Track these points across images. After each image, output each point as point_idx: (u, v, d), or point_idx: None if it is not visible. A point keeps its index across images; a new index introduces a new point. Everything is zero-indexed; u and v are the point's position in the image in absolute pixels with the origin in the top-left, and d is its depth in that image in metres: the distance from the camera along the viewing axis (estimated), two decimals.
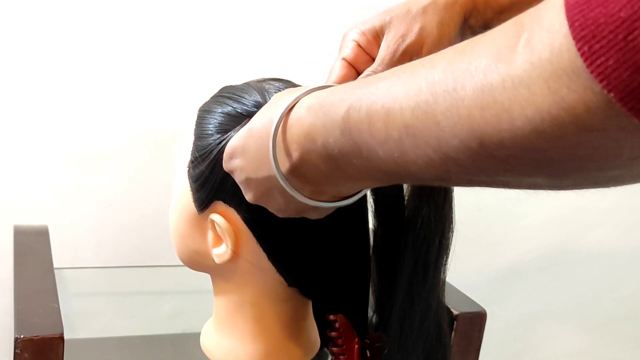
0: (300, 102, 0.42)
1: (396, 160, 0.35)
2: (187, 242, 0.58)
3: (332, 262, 0.55)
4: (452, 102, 0.31)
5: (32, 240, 0.80)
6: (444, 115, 0.31)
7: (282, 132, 0.42)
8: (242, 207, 0.52)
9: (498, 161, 0.31)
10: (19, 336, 0.55)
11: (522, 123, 0.28)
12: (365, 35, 0.51)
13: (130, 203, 0.91)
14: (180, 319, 0.98)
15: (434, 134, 0.32)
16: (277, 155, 0.42)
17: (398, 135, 0.34)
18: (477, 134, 0.30)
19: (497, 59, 0.29)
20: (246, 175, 0.46)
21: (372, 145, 0.36)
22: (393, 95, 0.34)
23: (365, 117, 0.36)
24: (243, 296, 0.57)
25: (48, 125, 0.85)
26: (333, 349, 0.58)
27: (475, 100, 0.30)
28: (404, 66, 0.36)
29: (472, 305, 0.76)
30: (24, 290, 0.65)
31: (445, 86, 0.31)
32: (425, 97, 0.32)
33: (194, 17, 0.88)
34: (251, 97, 0.54)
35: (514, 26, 0.29)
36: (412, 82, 0.33)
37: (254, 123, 0.45)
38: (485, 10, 0.51)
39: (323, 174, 0.41)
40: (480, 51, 0.30)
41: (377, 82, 0.36)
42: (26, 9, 0.81)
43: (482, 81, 0.29)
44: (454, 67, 0.31)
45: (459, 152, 0.31)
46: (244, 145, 0.46)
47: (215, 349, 0.60)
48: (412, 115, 0.33)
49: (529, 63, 0.28)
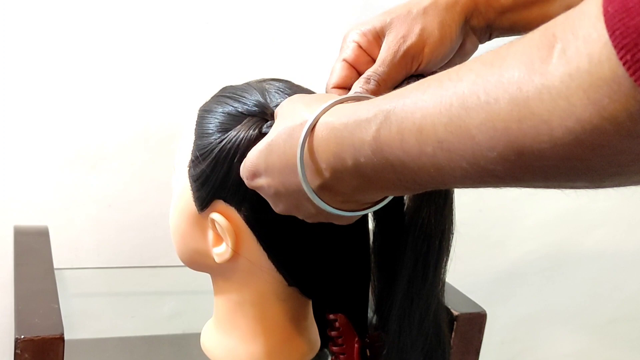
0: (323, 119, 0.41)
1: (431, 173, 0.35)
2: (188, 242, 0.58)
3: (332, 262, 0.55)
4: (486, 116, 0.31)
5: (32, 240, 0.80)
6: (479, 129, 0.31)
7: (309, 151, 0.41)
8: (243, 206, 0.52)
9: (537, 171, 0.31)
10: (19, 336, 0.55)
11: (562, 134, 0.28)
12: (365, 36, 0.51)
13: (130, 203, 0.91)
14: (180, 319, 0.98)
15: (469, 148, 0.32)
16: (306, 174, 0.42)
17: (432, 150, 0.34)
18: (516, 146, 0.30)
19: (530, 70, 0.29)
20: (274, 191, 0.46)
21: (406, 161, 0.36)
22: (423, 111, 0.34)
23: (396, 135, 0.36)
24: (243, 296, 0.57)
25: (48, 125, 0.85)
26: (333, 349, 0.58)
27: (511, 113, 0.30)
28: (428, 79, 0.36)
29: (472, 305, 0.76)
30: (24, 291, 0.65)
31: (477, 100, 0.31)
32: (457, 112, 0.32)
33: (193, 17, 0.88)
34: (252, 96, 0.54)
35: (544, 36, 0.29)
36: (441, 96, 0.33)
37: (272, 138, 0.45)
38: (487, 10, 0.51)
39: (355, 188, 0.41)
40: (510, 63, 0.30)
41: (403, 97, 0.36)
42: (26, 10, 0.82)
43: (517, 93, 0.29)
44: (484, 80, 0.31)
45: (496, 165, 0.31)
46: (267, 162, 0.45)
47: (216, 349, 0.60)
48: (446, 131, 0.33)
49: (567, 74, 0.27)
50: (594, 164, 0.29)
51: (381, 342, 0.55)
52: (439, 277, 0.52)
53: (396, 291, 0.52)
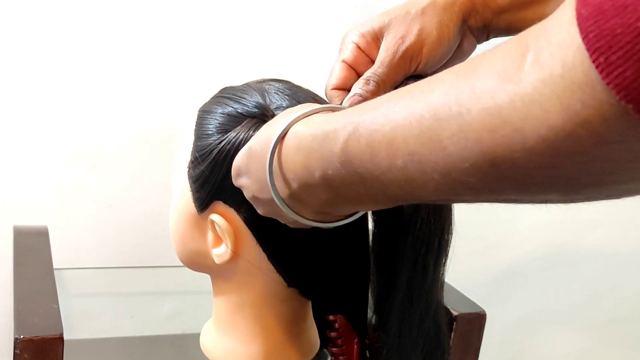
0: (293, 129, 0.41)
1: (402, 187, 0.35)
2: (187, 243, 0.58)
3: (332, 263, 0.55)
4: (458, 127, 0.30)
5: (32, 240, 0.80)
6: (451, 140, 0.31)
7: (278, 161, 0.42)
8: (242, 208, 0.52)
9: (510, 181, 0.30)
10: (18, 336, 0.55)
11: (535, 142, 0.28)
12: (364, 37, 0.51)
13: (130, 203, 0.91)
14: (180, 319, 0.98)
15: (441, 160, 0.32)
16: (275, 182, 0.42)
17: (403, 163, 0.33)
18: (488, 157, 0.30)
19: (503, 79, 0.29)
20: (252, 194, 0.46)
21: (376, 174, 0.35)
22: (393, 123, 0.34)
23: (366, 148, 0.35)
24: (243, 296, 0.57)
25: (48, 125, 0.85)
26: (333, 350, 0.58)
27: (483, 123, 0.29)
28: (398, 91, 0.35)
29: (472, 306, 0.76)
30: (23, 291, 0.65)
31: (449, 111, 0.31)
32: (428, 123, 0.32)
33: (193, 17, 0.88)
34: (251, 97, 0.54)
35: (517, 46, 0.29)
36: (413, 108, 0.33)
37: (253, 142, 0.45)
38: (484, 10, 0.51)
39: (324, 201, 0.41)
40: (483, 73, 0.30)
41: (373, 109, 0.36)
42: (26, 10, 0.82)
43: (490, 103, 0.29)
44: (456, 91, 0.31)
45: (469, 176, 0.31)
46: (247, 166, 0.46)
47: (215, 350, 0.60)
48: (417, 143, 0.32)
49: (540, 80, 0.27)
50: (569, 172, 0.28)
51: (381, 342, 0.55)
52: (439, 277, 0.52)
53: (396, 292, 0.52)
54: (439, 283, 0.53)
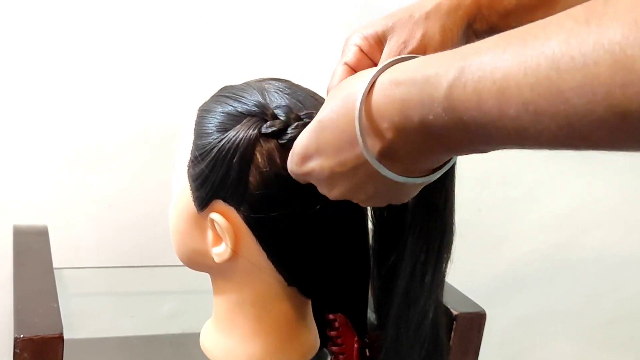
0: (381, 79, 0.39)
1: (510, 135, 0.33)
2: (187, 242, 0.58)
3: (332, 262, 0.55)
4: (583, 79, 0.29)
5: (32, 240, 0.80)
6: (574, 92, 0.29)
7: (367, 114, 0.39)
8: (242, 206, 0.52)
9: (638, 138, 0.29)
10: (18, 336, 0.55)
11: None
12: (367, 40, 0.50)
13: (130, 203, 0.91)
14: (180, 318, 0.98)
15: (562, 111, 0.30)
16: (365, 138, 0.40)
17: (515, 112, 0.32)
18: (619, 111, 0.28)
19: (636, 30, 0.27)
20: (329, 172, 0.44)
21: (482, 122, 0.33)
22: (504, 70, 0.32)
23: (472, 94, 0.33)
24: (243, 296, 0.57)
25: (48, 125, 0.85)
26: (332, 348, 0.58)
27: (613, 77, 0.28)
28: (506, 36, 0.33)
29: (472, 305, 0.76)
30: (23, 290, 0.65)
31: (572, 62, 0.29)
32: (546, 73, 0.30)
33: (193, 17, 0.88)
34: (251, 96, 0.54)
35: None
36: (526, 56, 0.31)
37: (323, 114, 0.43)
38: (489, 14, 0.50)
39: (420, 149, 0.39)
40: (610, 21, 0.28)
41: (479, 54, 0.34)
42: (26, 10, 0.82)
43: (621, 56, 0.27)
44: (579, 40, 0.29)
45: (594, 129, 0.29)
46: (319, 141, 0.43)
47: (215, 349, 0.60)
48: (532, 92, 0.31)
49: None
50: None
51: (380, 342, 0.55)
52: (439, 279, 0.52)
53: (394, 293, 0.52)
54: (440, 285, 0.52)
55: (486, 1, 0.50)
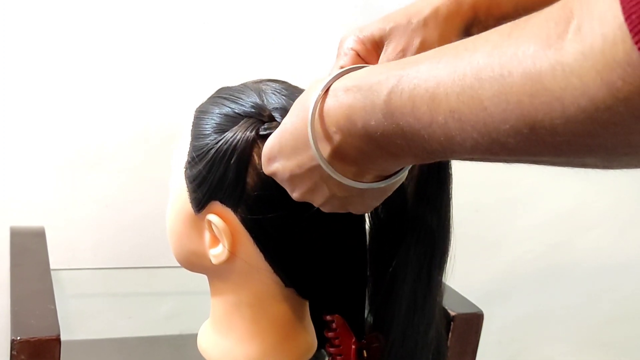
0: (334, 86, 0.41)
1: (442, 142, 0.35)
2: (184, 243, 0.57)
3: (329, 263, 0.55)
4: (499, 88, 0.30)
5: (29, 241, 0.80)
6: (491, 101, 0.31)
7: (320, 118, 0.41)
8: (239, 208, 0.52)
9: (549, 146, 0.30)
10: (15, 338, 0.55)
11: (575, 111, 0.28)
12: (364, 44, 0.50)
13: (128, 204, 0.90)
14: (177, 320, 0.98)
15: (481, 119, 0.32)
16: (317, 141, 0.42)
17: (443, 119, 0.34)
18: (528, 120, 0.30)
19: (546, 45, 0.29)
20: (289, 173, 0.45)
21: (416, 127, 0.35)
22: (437, 79, 0.34)
23: (408, 101, 0.35)
24: (240, 297, 0.57)
25: (45, 126, 0.85)
26: (330, 350, 0.58)
27: (523, 87, 0.29)
28: (443, 48, 0.35)
29: (469, 306, 0.76)
30: (20, 292, 0.65)
31: (491, 72, 0.31)
32: (470, 82, 0.32)
33: (190, 18, 0.88)
34: (248, 97, 0.54)
35: (562, 10, 0.29)
36: (456, 66, 0.33)
37: (286, 119, 0.45)
38: (487, 19, 0.51)
39: (365, 154, 0.41)
40: (527, 36, 0.30)
41: (417, 64, 0.36)
42: (25, 11, 0.81)
43: (531, 68, 0.29)
44: (500, 52, 0.31)
45: (508, 137, 0.31)
46: (280, 144, 0.45)
47: (213, 350, 0.60)
48: (458, 100, 0.33)
49: (581, 53, 0.27)
50: (606, 141, 0.28)
51: (378, 343, 0.55)
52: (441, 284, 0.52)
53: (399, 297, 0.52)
54: (439, 286, 0.53)
55: (484, 7, 0.50)
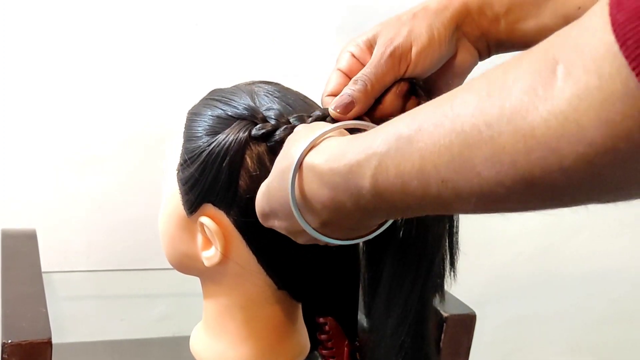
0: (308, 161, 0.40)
1: (440, 209, 0.34)
2: (177, 245, 0.57)
3: (322, 265, 0.55)
4: (490, 151, 0.29)
5: (20, 243, 0.79)
6: (484, 165, 0.30)
7: (301, 195, 0.41)
8: (232, 210, 0.52)
9: (550, 200, 0.30)
10: (6, 341, 0.55)
11: (573, 160, 0.27)
12: (359, 46, 0.51)
13: (120, 206, 0.90)
14: (170, 322, 0.97)
15: (476, 185, 0.31)
16: (304, 216, 0.42)
17: (437, 190, 0.33)
18: (525, 179, 0.29)
19: (534, 98, 0.27)
20: (287, 231, 0.46)
21: (410, 203, 0.35)
22: (421, 152, 0.33)
23: (395, 179, 0.34)
24: (232, 299, 0.57)
25: (37, 127, 0.85)
26: (323, 352, 0.58)
27: (516, 146, 0.28)
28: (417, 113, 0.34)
29: (462, 307, 0.76)
30: (11, 295, 0.65)
31: (479, 135, 0.30)
32: (459, 150, 0.31)
33: (183, 19, 0.88)
34: (241, 99, 0.54)
35: (543, 59, 0.28)
36: (439, 135, 0.32)
37: (270, 180, 0.45)
38: (480, 18, 0.51)
39: (357, 221, 0.41)
40: (509, 91, 0.29)
41: (396, 136, 0.34)
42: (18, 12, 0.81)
43: (522, 124, 0.28)
44: (484, 113, 0.30)
45: (507, 197, 0.30)
46: (270, 206, 0.45)
47: (205, 352, 0.60)
48: (448, 170, 0.31)
49: (575, 96, 0.26)
50: (609, 186, 0.27)
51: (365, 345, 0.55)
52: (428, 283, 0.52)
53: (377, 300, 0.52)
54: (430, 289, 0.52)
55: (476, 5, 0.50)
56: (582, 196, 0.29)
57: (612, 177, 0.27)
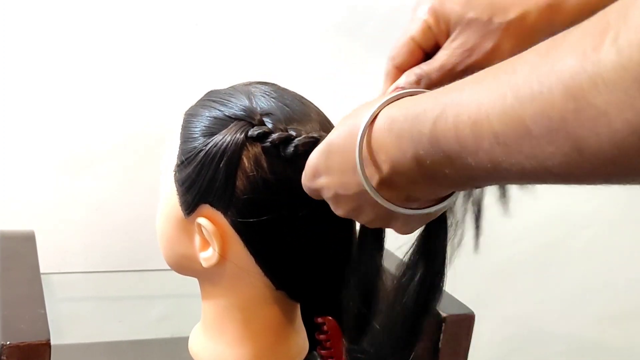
0: (382, 113, 0.40)
1: (488, 169, 0.34)
2: (175, 246, 0.57)
3: (319, 265, 0.55)
4: (541, 107, 0.29)
5: (19, 245, 0.79)
6: (534, 120, 0.30)
7: (367, 145, 0.41)
8: (229, 211, 0.52)
9: (597, 167, 0.29)
10: (5, 343, 0.55)
11: (621, 126, 0.27)
12: (437, 20, 0.46)
13: (118, 207, 0.90)
14: (168, 323, 0.97)
15: (526, 142, 0.31)
16: (365, 169, 0.41)
17: (489, 144, 0.33)
18: (573, 139, 0.29)
19: (583, 58, 0.28)
20: (334, 192, 0.45)
21: (463, 155, 0.35)
22: (477, 102, 0.33)
23: (452, 127, 0.35)
24: (231, 300, 0.57)
25: (35, 129, 0.85)
26: (321, 352, 0.58)
27: (566, 104, 0.28)
28: (485, 72, 0.34)
29: (461, 307, 0.76)
30: (10, 296, 0.64)
31: (530, 90, 0.30)
32: (510, 102, 0.31)
33: (182, 19, 0.88)
34: (238, 100, 0.54)
35: (599, 22, 0.28)
36: (496, 88, 0.32)
37: (333, 137, 0.44)
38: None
39: (414, 182, 0.40)
40: (563, 51, 0.29)
41: (461, 89, 0.35)
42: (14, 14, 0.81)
43: (571, 83, 0.28)
44: (537, 70, 0.30)
45: (554, 160, 0.30)
46: (327, 162, 0.44)
47: (204, 353, 0.60)
48: (500, 122, 0.32)
49: (620, 65, 0.26)
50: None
51: None
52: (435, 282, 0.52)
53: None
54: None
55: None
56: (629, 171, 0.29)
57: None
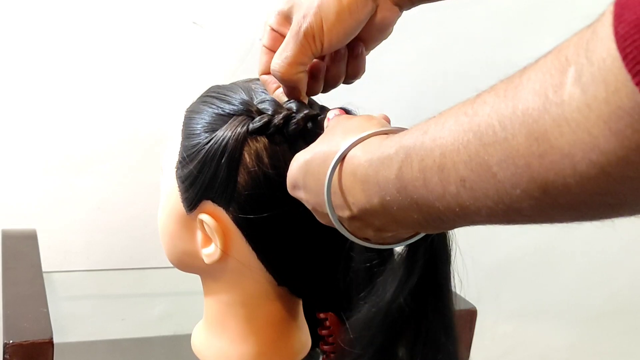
0: (349, 155, 0.40)
1: (456, 212, 0.34)
2: (177, 243, 0.57)
3: (322, 261, 0.55)
4: (505, 153, 0.29)
5: (21, 244, 0.79)
6: (500, 166, 0.30)
7: (338, 184, 0.41)
8: (231, 207, 0.52)
9: (566, 207, 0.29)
10: (8, 341, 0.55)
11: (587, 167, 0.26)
12: (277, 17, 0.51)
13: (120, 205, 0.90)
14: (170, 320, 0.97)
15: (492, 186, 0.30)
16: (334, 203, 0.42)
17: (455, 189, 0.33)
18: (539, 183, 0.28)
19: (545, 100, 0.27)
20: (312, 207, 0.46)
21: (431, 200, 0.35)
22: (442, 148, 0.33)
23: (418, 174, 0.35)
24: (233, 296, 0.57)
25: (36, 128, 0.85)
26: (324, 348, 0.58)
27: (530, 149, 0.28)
28: (444, 114, 0.34)
29: (463, 302, 0.76)
30: (12, 295, 0.65)
31: (494, 136, 0.29)
32: (475, 149, 0.31)
33: (181, 18, 0.88)
34: (238, 96, 0.54)
35: (556, 59, 0.27)
36: (458, 132, 0.32)
37: (311, 156, 0.44)
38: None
39: (383, 224, 0.41)
40: (524, 92, 0.28)
41: (423, 133, 0.35)
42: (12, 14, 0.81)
43: (534, 127, 0.27)
44: (499, 113, 0.29)
45: (521, 202, 0.30)
46: (304, 180, 0.45)
47: (207, 350, 0.60)
48: (466, 168, 0.31)
49: (585, 104, 0.25)
50: (626, 197, 0.27)
51: None
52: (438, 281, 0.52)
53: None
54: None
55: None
56: (600, 206, 0.28)
57: (626, 190, 0.26)
